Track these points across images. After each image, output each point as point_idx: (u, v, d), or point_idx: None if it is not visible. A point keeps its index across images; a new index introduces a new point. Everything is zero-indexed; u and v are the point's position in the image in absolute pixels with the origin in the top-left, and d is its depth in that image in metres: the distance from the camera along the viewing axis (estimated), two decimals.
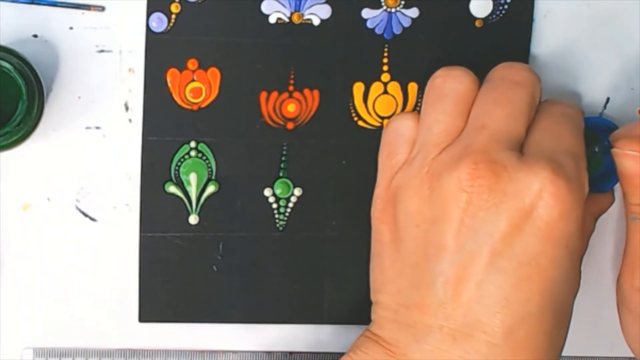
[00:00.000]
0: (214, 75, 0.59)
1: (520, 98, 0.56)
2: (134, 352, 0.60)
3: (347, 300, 0.61)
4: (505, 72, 0.57)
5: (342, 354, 0.57)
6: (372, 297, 0.58)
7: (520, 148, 0.55)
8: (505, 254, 0.53)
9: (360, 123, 0.60)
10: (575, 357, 0.63)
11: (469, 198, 0.53)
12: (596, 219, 0.61)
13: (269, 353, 0.61)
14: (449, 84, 0.57)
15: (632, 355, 0.61)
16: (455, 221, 0.53)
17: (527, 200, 0.53)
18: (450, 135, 0.56)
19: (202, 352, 0.61)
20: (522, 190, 0.53)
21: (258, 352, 0.61)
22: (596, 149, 0.59)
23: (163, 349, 0.60)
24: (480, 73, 0.58)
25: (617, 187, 0.61)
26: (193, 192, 0.59)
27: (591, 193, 0.59)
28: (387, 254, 0.57)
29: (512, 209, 0.53)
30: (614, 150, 0.57)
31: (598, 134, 0.60)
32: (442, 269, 0.54)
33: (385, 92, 0.60)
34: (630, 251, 0.59)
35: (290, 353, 0.61)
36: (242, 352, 0.61)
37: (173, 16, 0.58)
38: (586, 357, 0.63)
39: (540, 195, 0.53)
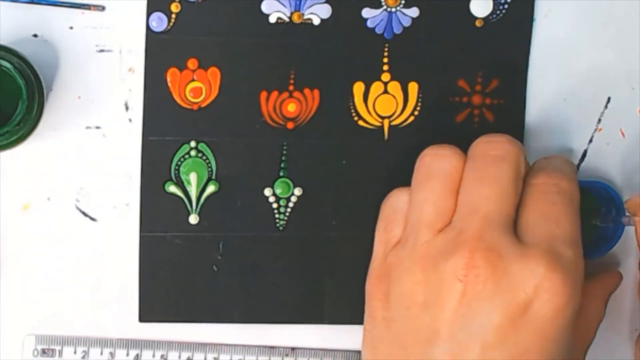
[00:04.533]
0: (214, 75, 0.59)
1: (505, 173, 0.54)
2: (136, 342, 0.60)
3: (347, 300, 0.61)
4: (485, 148, 0.55)
5: (342, 352, 0.57)
6: None
7: (513, 226, 0.54)
8: (497, 347, 0.52)
9: (361, 123, 0.60)
10: None
11: (464, 288, 0.52)
12: (606, 303, 0.60)
13: (271, 348, 0.61)
14: (437, 162, 0.56)
15: None
16: (450, 310, 0.52)
17: (523, 295, 0.52)
18: (441, 214, 0.55)
19: (205, 344, 0.60)
20: (517, 284, 0.52)
21: (260, 346, 0.61)
22: (594, 221, 0.59)
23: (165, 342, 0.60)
24: (480, 73, 0.58)
25: (623, 257, 0.62)
26: (193, 191, 0.59)
27: (595, 274, 0.59)
28: (378, 330, 0.56)
29: (506, 302, 0.52)
30: (637, 219, 0.56)
31: (594, 196, 0.60)
32: (434, 356, 0.52)
33: (386, 91, 0.60)
34: None
35: (292, 349, 0.61)
36: (244, 345, 0.61)
37: (173, 16, 0.58)
38: None
39: (536, 292, 0.52)
